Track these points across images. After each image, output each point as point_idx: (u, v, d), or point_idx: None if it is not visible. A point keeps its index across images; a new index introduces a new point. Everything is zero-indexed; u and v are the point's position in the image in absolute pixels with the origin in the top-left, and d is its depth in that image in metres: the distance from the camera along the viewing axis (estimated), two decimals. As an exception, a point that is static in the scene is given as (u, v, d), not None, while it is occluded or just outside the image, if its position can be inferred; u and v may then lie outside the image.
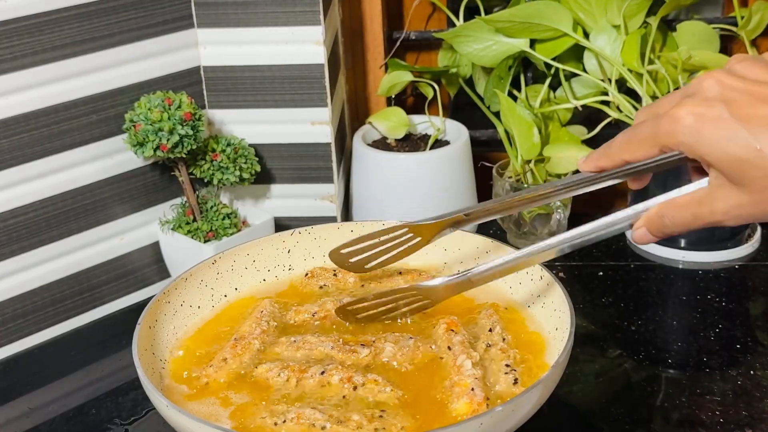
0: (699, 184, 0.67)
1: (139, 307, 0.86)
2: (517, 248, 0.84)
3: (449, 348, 0.80)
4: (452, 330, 0.82)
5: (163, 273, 1.14)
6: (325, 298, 0.89)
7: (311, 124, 1.13)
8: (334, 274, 0.93)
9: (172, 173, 1.11)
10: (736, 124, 0.60)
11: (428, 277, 0.92)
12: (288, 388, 0.78)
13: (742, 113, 0.60)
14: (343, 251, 0.87)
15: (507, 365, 0.78)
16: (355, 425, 0.72)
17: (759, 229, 1.18)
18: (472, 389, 0.74)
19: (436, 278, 0.84)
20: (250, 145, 1.12)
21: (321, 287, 0.93)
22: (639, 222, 0.72)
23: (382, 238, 0.86)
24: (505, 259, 0.80)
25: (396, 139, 1.23)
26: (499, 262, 0.81)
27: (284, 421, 0.73)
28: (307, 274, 0.94)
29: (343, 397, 0.76)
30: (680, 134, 0.63)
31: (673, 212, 0.69)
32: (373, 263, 0.87)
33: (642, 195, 0.79)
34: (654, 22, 1.15)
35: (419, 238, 0.85)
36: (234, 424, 0.74)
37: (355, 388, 0.76)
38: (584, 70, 1.18)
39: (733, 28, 1.20)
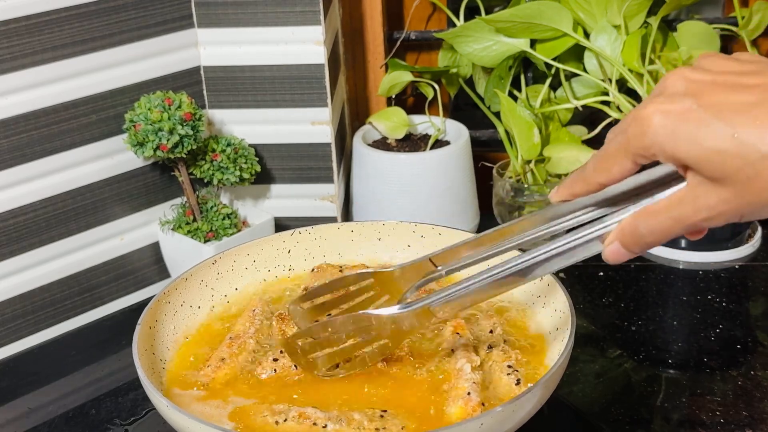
0: (676, 188, 0.62)
1: (139, 307, 0.86)
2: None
3: (453, 351, 0.80)
4: (458, 333, 0.82)
5: (163, 273, 1.14)
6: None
7: (311, 124, 1.13)
8: (340, 270, 0.93)
9: (172, 173, 1.11)
10: (707, 115, 0.56)
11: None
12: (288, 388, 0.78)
13: (711, 103, 0.56)
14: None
15: (509, 366, 0.78)
16: (357, 424, 0.72)
17: (759, 229, 1.18)
18: (468, 393, 0.74)
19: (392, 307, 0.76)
20: (250, 145, 1.12)
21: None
22: (610, 237, 0.66)
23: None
24: (460, 294, 0.73)
25: (396, 140, 1.23)
26: (456, 295, 0.73)
27: (285, 420, 0.73)
28: (313, 269, 0.94)
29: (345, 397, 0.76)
30: (650, 134, 0.58)
31: (648, 219, 0.62)
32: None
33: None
34: (654, 22, 1.15)
35: (386, 296, 0.79)
36: (234, 424, 0.74)
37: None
38: (584, 70, 1.18)
39: (734, 28, 1.20)
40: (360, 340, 0.76)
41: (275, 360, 0.81)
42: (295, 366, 0.79)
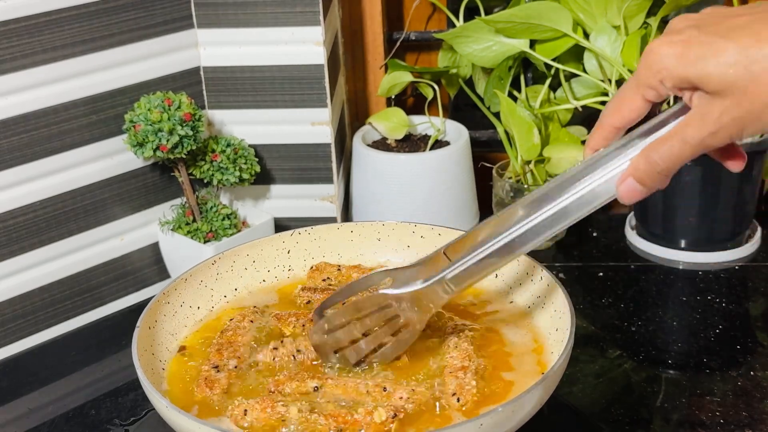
0: (681, 118, 0.66)
1: (139, 307, 0.86)
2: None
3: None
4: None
5: (162, 273, 1.14)
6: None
7: (311, 125, 1.13)
8: (338, 269, 0.93)
9: (172, 174, 1.11)
10: (710, 38, 0.63)
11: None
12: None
13: (712, 30, 0.63)
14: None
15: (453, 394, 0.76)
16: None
17: (759, 229, 1.18)
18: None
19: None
20: (250, 146, 1.12)
21: (324, 280, 0.93)
22: (623, 175, 0.69)
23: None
24: (482, 250, 0.75)
25: (396, 140, 1.23)
26: (476, 255, 0.75)
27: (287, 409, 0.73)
28: (312, 267, 0.94)
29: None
30: (658, 62, 0.64)
31: (658, 147, 0.67)
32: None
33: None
34: (654, 22, 1.15)
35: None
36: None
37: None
38: (584, 71, 1.18)
39: (733, 29, 1.20)
40: (380, 328, 0.78)
41: (275, 349, 0.81)
42: (293, 356, 0.80)
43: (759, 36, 0.61)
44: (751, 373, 0.94)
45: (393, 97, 1.29)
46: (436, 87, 1.24)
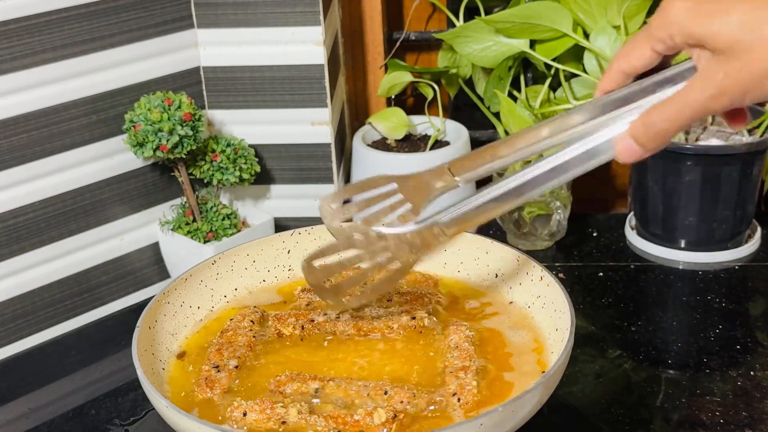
0: (685, 81, 0.67)
1: (139, 307, 0.86)
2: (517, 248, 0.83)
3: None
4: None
5: (162, 273, 1.14)
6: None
7: (311, 125, 1.13)
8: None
9: (172, 174, 1.11)
10: None
11: (428, 280, 0.92)
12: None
13: None
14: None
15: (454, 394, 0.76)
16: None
17: (759, 229, 1.18)
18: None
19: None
20: (250, 146, 1.12)
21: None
22: (622, 134, 0.69)
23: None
24: (486, 195, 0.75)
25: (396, 140, 1.23)
26: (462, 210, 0.76)
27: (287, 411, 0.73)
28: None
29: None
30: (670, 16, 0.65)
31: (661, 109, 0.67)
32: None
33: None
34: (654, 22, 1.15)
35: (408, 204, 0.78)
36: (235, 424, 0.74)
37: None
38: (584, 71, 1.18)
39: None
40: (372, 263, 0.78)
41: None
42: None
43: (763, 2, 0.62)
44: (751, 373, 0.94)
45: (393, 97, 1.29)
46: (436, 87, 1.24)
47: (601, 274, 1.12)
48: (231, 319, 0.86)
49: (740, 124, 0.71)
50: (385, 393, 0.75)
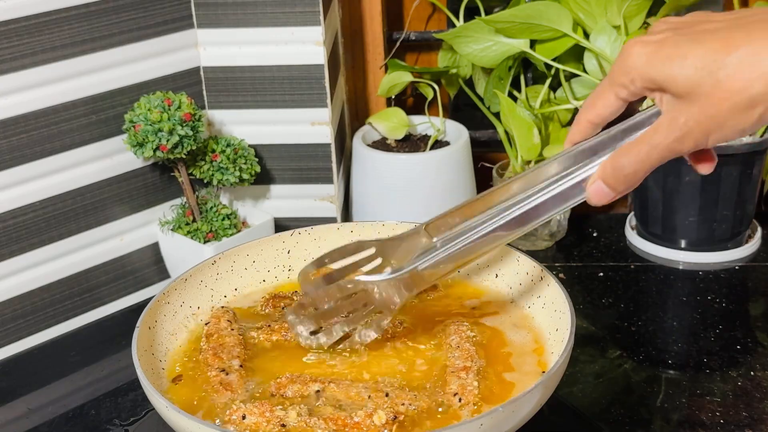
0: (651, 125, 0.66)
1: (139, 307, 0.86)
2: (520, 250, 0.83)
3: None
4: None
5: (162, 274, 1.14)
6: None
7: (311, 125, 1.13)
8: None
9: (172, 174, 1.11)
10: (682, 39, 0.63)
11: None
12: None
13: (686, 32, 0.63)
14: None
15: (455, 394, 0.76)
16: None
17: (759, 229, 1.18)
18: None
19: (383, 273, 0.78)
20: (250, 146, 1.12)
21: None
22: (593, 177, 0.70)
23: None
24: (457, 246, 0.76)
25: (396, 140, 1.23)
26: (440, 256, 0.76)
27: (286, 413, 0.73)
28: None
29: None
30: (629, 61, 0.65)
31: (627, 151, 0.67)
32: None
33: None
34: (654, 22, 1.15)
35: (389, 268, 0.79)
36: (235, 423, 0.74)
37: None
38: (584, 71, 1.18)
39: (733, 29, 1.20)
40: (355, 313, 0.79)
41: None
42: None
43: (727, 41, 0.61)
44: (751, 373, 0.94)
45: (393, 97, 1.29)
46: (436, 87, 1.24)
47: (601, 274, 1.12)
48: (206, 324, 0.86)
49: (707, 169, 0.71)
50: (387, 395, 0.75)
